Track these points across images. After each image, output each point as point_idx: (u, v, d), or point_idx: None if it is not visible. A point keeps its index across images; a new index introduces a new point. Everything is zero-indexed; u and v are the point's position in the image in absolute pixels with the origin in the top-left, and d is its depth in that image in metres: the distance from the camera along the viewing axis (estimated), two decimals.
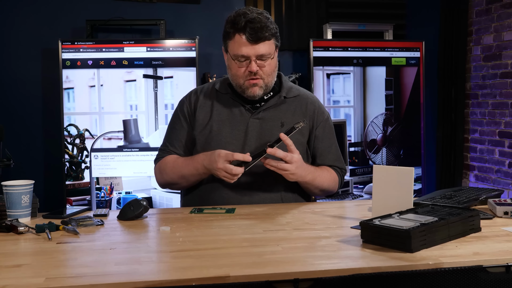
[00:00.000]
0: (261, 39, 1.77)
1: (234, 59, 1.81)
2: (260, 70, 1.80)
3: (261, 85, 1.83)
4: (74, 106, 3.58)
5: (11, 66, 3.85)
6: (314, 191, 1.91)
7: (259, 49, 1.78)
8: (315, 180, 1.85)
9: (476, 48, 4.10)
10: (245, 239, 1.40)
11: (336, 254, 1.25)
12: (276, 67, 1.88)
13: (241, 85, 1.84)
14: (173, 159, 1.91)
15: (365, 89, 3.94)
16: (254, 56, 1.78)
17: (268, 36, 1.79)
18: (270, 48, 1.81)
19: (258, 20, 1.76)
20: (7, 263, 1.21)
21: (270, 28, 1.80)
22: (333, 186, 1.95)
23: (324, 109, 2.00)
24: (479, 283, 1.16)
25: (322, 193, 1.96)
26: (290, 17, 4.16)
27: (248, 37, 1.76)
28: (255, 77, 1.80)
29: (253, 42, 1.77)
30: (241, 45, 1.78)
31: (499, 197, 1.76)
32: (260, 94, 1.85)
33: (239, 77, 1.83)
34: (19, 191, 1.57)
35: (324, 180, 1.89)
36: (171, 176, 1.89)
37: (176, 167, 1.88)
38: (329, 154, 1.96)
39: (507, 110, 3.78)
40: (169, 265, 1.21)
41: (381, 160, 3.97)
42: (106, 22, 3.79)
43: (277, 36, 1.86)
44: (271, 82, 1.86)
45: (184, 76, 3.61)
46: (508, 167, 3.78)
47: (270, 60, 1.82)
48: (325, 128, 1.97)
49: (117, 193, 3.58)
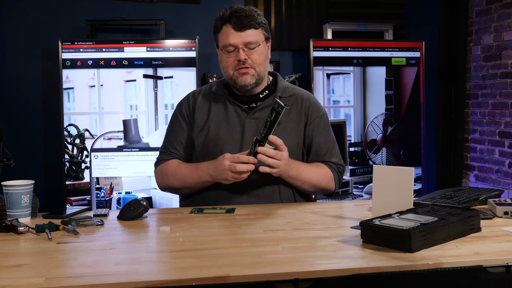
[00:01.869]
0: (246, 26, 1.81)
1: (223, 50, 1.85)
2: (249, 59, 1.82)
3: (253, 73, 1.84)
4: (74, 106, 3.58)
5: (11, 66, 3.85)
6: (303, 187, 1.88)
7: (246, 37, 1.81)
8: (300, 175, 1.83)
9: (476, 48, 4.10)
10: (245, 239, 1.40)
11: (336, 254, 1.25)
12: (266, 58, 1.88)
13: (231, 76, 1.85)
14: (175, 165, 1.90)
15: (365, 89, 3.94)
16: (241, 44, 1.81)
17: (254, 24, 1.82)
18: (258, 37, 1.83)
19: (242, 10, 1.83)
20: (7, 263, 1.21)
21: (255, 17, 1.83)
22: (326, 182, 1.90)
23: (320, 106, 1.99)
24: (479, 283, 1.16)
25: (315, 189, 1.91)
26: (290, 17, 4.16)
27: (234, 26, 1.81)
28: (244, 65, 1.82)
29: (239, 29, 1.81)
30: (228, 35, 1.82)
31: (499, 197, 1.76)
32: (252, 83, 1.85)
33: (229, 68, 1.85)
34: (19, 191, 1.57)
35: (313, 175, 1.86)
36: (173, 182, 1.90)
37: (179, 174, 1.87)
38: (323, 150, 1.93)
39: (507, 110, 3.78)
40: (169, 265, 1.21)
41: (381, 160, 3.97)
42: (106, 22, 3.79)
43: (266, 28, 1.88)
44: (263, 72, 1.86)
45: (184, 76, 3.61)
46: (508, 167, 3.78)
47: (258, 48, 1.84)
48: (320, 124, 1.94)
49: (117, 193, 3.58)
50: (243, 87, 1.85)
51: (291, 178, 1.83)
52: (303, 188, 1.89)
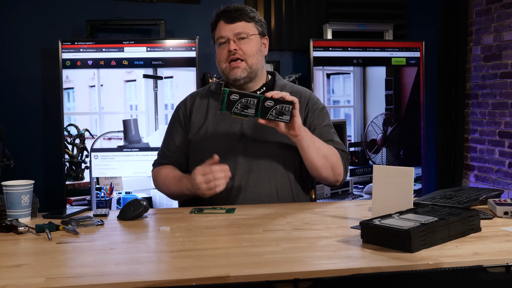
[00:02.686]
0: (236, 19, 1.86)
1: (217, 45, 1.90)
2: (240, 50, 1.85)
3: (244, 67, 1.86)
4: (74, 106, 3.58)
5: (11, 66, 3.85)
6: (316, 155, 1.78)
7: (236, 28, 1.86)
8: (314, 139, 1.78)
9: (476, 48, 4.10)
10: (245, 239, 1.39)
11: (336, 254, 1.25)
12: (259, 51, 1.90)
13: (223, 69, 1.89)
14: (165, 172, 1.94)
15: (365, 89, 3.94)
16: (232, 35, 1.86)
17: (244, 18, 1.87)
18: (249, 28, 1.88)
19: (234, 5, 1.89)
20: (7, 263, 1.21)
21: (247, 11, 1.89)
22: (335, 160, 1.83)
23: (318, 101, 1.98)
24: (479, 283, 1.16)
25: (326, 162, 1.80)
26: (290, 17, 4.16)
27: (225, 19, 1.87)
28: (234, 57, 1.84)
29: (230, 22, 1.87)
30: (220, 28, 1.89)
31: (499, 197, 1.76)
32: (243, 76, 1.86)
33: (222, 62, 1.88)
34: (19, 191, 1.57)
35: (325, 146, 1.81)
36: (161, 189, 1.98)
37: (166, 183, 1.93)
38: (326, 136, 1.88)
39: (507, 110, 3.78)
40: (169, 265, 1.21)
41: (381, 160, 3.97)
42: (106, 22, 3.79)
43: (260, 24, 1.92)
44: (255, 64, 1.87)
45: (184, 76, 3.61)
46: (508, 167, 3.78)
47: (249, 39, 1.86)
48: (320, 115, 1.93)
49: (117, 193, 3.58)
50: (235, 81, 1.87)
51: (308, 140, 1.75)
52: (315, 158, 1.79)
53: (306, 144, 1.76)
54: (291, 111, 1.66)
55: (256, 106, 1.66)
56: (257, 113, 1.66)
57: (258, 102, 1.66)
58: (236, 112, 1.67)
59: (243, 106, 1.66)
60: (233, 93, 1.66)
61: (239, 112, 1.67)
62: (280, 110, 1.65)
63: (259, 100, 1.65)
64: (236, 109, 1.66)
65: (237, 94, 1.66)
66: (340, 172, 1.87)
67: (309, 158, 1.80)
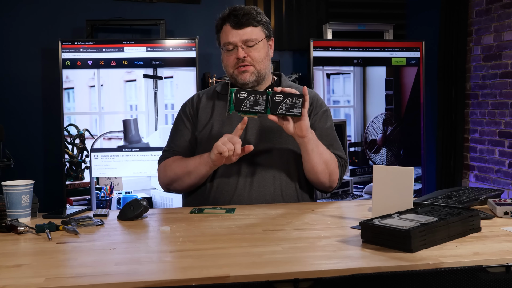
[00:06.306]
0: (244, 24, 1.83)
1: (223, 49, 1.88)
2: (249, 57, 1.84)
3: (253, 71, 1.85)
4: (74, 106, 3.58)
5: (11, 66, 3.85)
6: (317, 160, 1.79)
7: (244, 35, 1.83)
8: (319, 143, 1.78)
9: (476, 48, 4.10)
10: (245, 239, 1.40)
11: (336, 254, 1.25)
12: (267, 55, 1.89)
13: (231, 74, 1.87)
14: (178, 157, 1.92)
15: (365, 89, 3.94)
16: (240, 42, 1.83)
17: (252, 22, 1.84)
18: (257, 34, 1.85)
19: (241, 8, 1.86)
20: (7, 263, 1.21)
21: (254, 15, 1.85)
22: (334, 167, 1.85)
23: (323, 103, 2.00)
24: (479, 283, 1.16)
25: (325, 167, 1.82)
26: (290, 17, 4.16)
27: (233, 24, 1.84)
28: (243, 63, 1.83)
29: (237, 27, 1.83)
30: (227, 33, 1.85)
31: (499, 197, 1.76)
32: (252, 80, 1.86)
33: (229, 67, 1.87)
34: (19, 191, 1.57)
35: (326, 151, 1.82)
36: (176, 171, 1.88)
37: (182, 163, 1.88)
38: (326, 140, 1.89)
39: (507, 110, 3.78)
40: (169, 265, 1.21)
41: (381, 160, 3.97)
42: (106, 22, 3.79)
43: (266, 26, 1.89)
44: (263, 69, 1.87)
45: (184, 76, 3.61)
46: (508, 167, 3.78)
47: (258, 46, 1.85)
48: (323, 117, 1.94)
49: (117, 193, 3.58)
50: (244, 85, 1.86)
51: (313, 143, 1.76)
52: (316, 163, 1.80)
53: (311, 147, 1.77)
54: (302, 104, 1.66)
55: (266, 102, 1.66)
56: (266, 110, 1.66)
57: (267, 98, 1.66)
58: (245, 110, 1.66)
59: (252, 103, 1.66)
60: (241, 91, 1.66)
61: (248, 110, 1.66)
62: (291, 103, 1.65)
63: (268, 96, 1.66)
64: (245, 107, 1.66)
65: (245, 91, 1.66)
66: (335, 179, 1.89)
67: (310, 162, 1.80)
